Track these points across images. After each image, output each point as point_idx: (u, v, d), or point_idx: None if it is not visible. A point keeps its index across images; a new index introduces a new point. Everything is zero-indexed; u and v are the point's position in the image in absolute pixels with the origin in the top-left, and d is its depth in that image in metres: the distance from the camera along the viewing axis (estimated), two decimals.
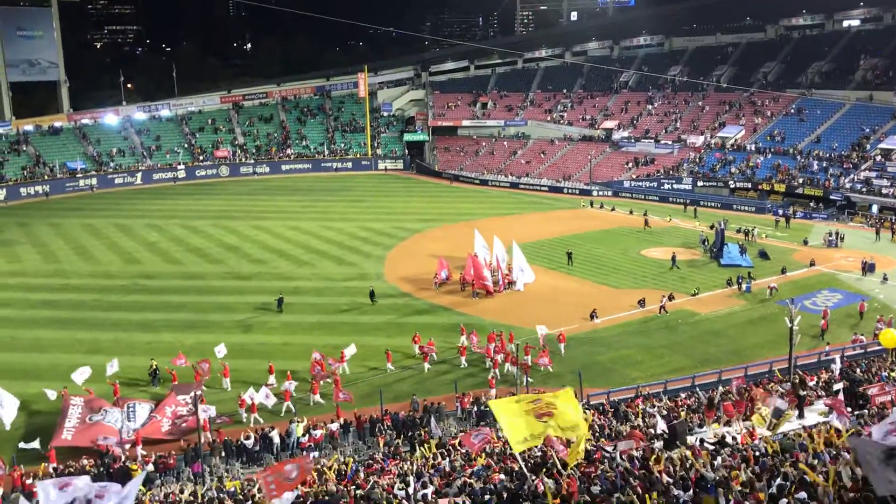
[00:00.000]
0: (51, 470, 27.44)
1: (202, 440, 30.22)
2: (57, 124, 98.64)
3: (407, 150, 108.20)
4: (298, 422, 31.35)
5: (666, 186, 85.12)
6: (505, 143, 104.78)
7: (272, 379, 35.90)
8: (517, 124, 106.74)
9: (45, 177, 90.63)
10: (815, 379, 30.03)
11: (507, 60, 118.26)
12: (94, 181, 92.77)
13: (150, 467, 27.78)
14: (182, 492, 24.94)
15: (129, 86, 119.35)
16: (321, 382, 35.77)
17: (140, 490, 22.44)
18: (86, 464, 28.08)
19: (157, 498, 24.13)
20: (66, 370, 35.94)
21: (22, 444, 29.86)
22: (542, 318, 44.38)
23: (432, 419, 30.95)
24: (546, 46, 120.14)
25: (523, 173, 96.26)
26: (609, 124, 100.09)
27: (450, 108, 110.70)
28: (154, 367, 36.95)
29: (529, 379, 35.75)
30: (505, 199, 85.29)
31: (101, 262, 59.32)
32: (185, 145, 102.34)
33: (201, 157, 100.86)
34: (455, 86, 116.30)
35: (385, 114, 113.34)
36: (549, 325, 43.19)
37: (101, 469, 27.48)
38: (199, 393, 32.28)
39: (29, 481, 26.14)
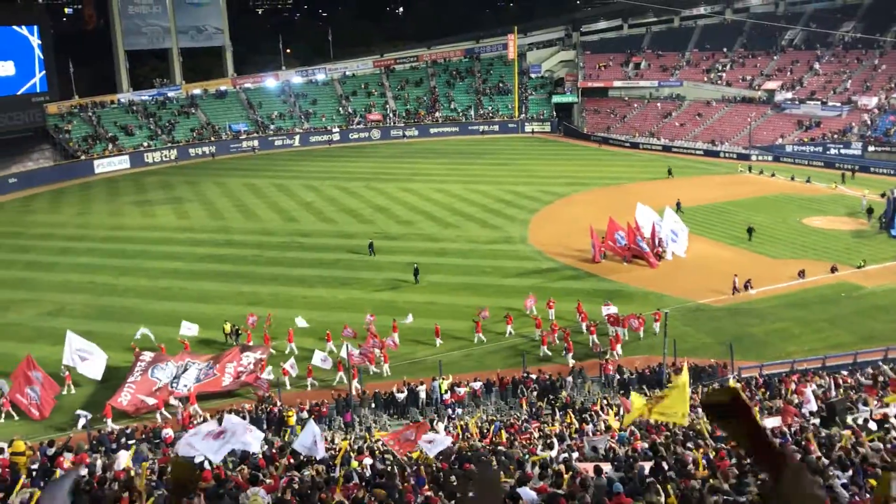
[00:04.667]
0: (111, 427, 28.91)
1: (352, 391, 31.63)
2: (222, 88, 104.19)
3: (555, 113, 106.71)
4: (443, 379, 32.18)
5: (832, 151, 79.62)
6: (658, 104, 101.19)
7: (330, 345, 35.85)
8: (671, 85, 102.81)
9: (211, 138, 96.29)
10: None
11: (662, 18, 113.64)
12: (256, 143, 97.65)
13: (305, 414, 29.38)
14: (333, 440, 26.23)
15: (287, 51, 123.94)
16: (375, 351, 35.07)
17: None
18: (246, 407, 30.07)
19: None
20: (232, 320, 38.58)
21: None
22: (692, 287, 43.20)
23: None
24: (705, 3, 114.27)
25: (676, 136, 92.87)
26: (771, 85, 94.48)
27: (600, 69, 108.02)
28: (234, 327, 37.84)
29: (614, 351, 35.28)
30: (656, 164, 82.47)
31: (262, 220, 62.61)
32: (339, 109, 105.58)
33: (355, 121, 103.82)
34: (607, 45, 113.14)
35: (533, 76, 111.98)
36: (699, 294, 42.03)
37: (260, 414, 29.33)
38: (265, 355, 33.94)
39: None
